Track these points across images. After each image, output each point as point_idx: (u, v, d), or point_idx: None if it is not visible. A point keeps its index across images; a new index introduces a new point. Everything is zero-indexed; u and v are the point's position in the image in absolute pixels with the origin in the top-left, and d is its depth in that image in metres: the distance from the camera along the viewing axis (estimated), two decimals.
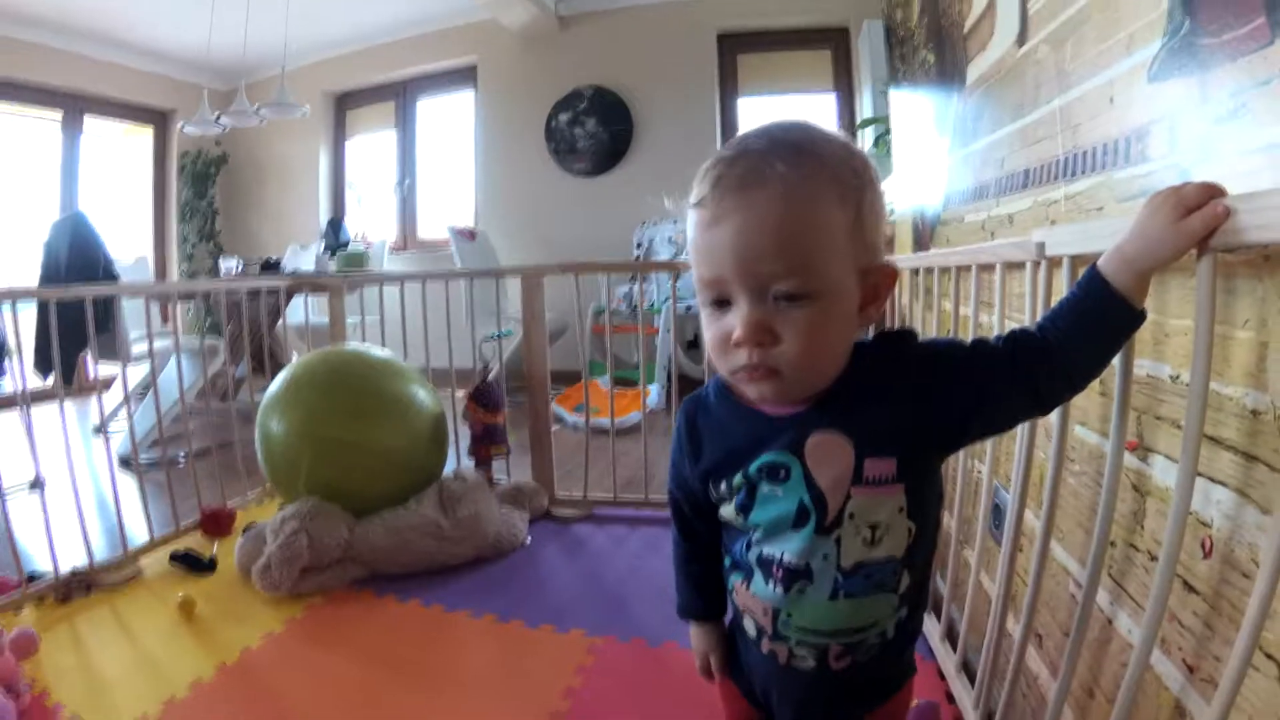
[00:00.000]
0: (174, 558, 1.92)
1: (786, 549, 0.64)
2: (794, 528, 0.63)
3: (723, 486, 0.67)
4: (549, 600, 1.67)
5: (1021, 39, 1.08)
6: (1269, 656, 0.57)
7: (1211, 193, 0.55)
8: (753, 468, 0.64)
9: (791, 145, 0.58)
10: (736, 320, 0.59)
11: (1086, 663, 0.83)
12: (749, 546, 0.67)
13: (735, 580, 0.70)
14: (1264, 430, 0.59)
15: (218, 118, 4.16)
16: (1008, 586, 0.98)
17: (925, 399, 0.61)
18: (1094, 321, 0.59)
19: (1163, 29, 0.70)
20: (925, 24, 1.67)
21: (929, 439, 0.63)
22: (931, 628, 1.39)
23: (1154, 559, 0.72)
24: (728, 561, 0.71)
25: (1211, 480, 0.63)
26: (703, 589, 0.77)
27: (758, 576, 0.67)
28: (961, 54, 1.38)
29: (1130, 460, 0.76)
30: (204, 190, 5.66)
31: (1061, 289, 0.79)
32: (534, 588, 1.73)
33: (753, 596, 0.68)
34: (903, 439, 0.62)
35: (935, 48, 1.59)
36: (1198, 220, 0.55)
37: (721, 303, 0.60)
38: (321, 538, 1.73)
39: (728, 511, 0.68)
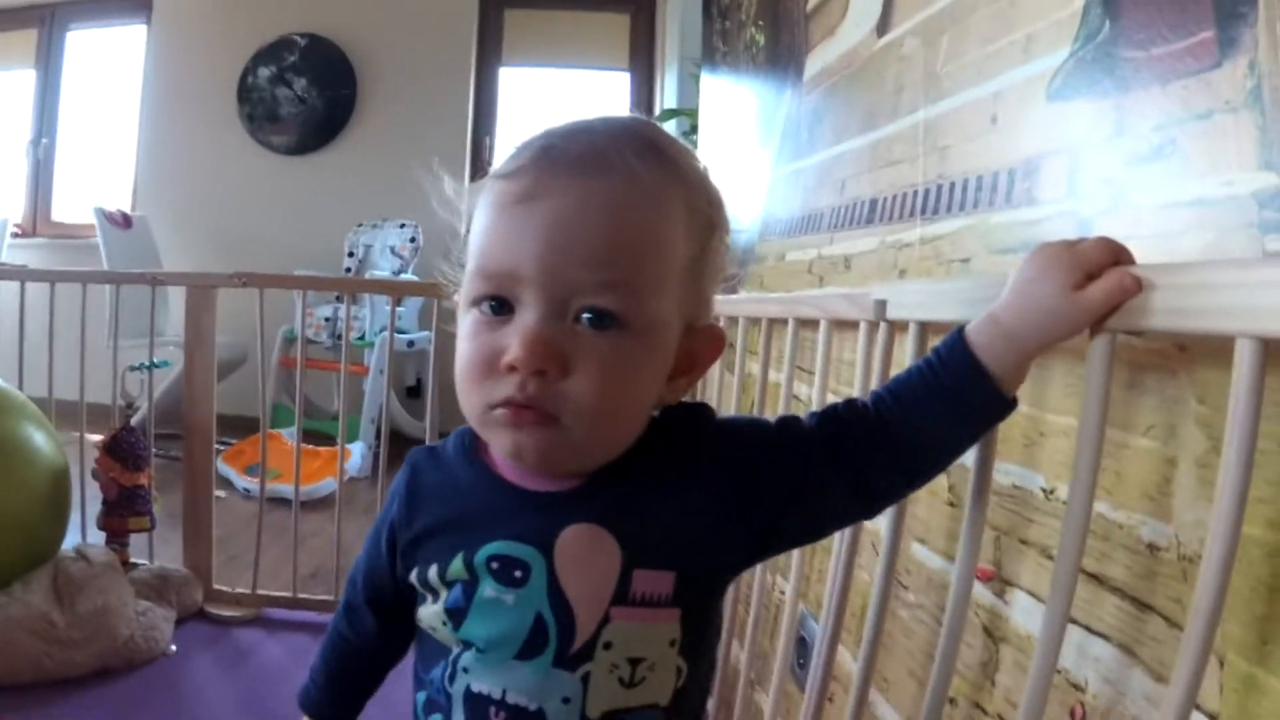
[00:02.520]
0: None
1: (511, 683, 0.56)
2: (524, 654, 0.55)
3: (431, 572, 0.58)
4: None
5: (883, 26, 1.02)
6: None
7: (1116, 253, 0.51)
8: (480, 555, 0.56)
9: (647, 140, 0.56)
10: (515, 335, 0.52)
11: None
12: (453, 675, 0.57)
13: None
14: (1162, 571, 0.54)
15: None
16: None
17: (724, 495, 0.57)
18: (949, 404, 0.55)
19: (1073, 32, 0.65)
20: None
21: (722, 550, 0.58)
22: None
23: None
24: (421, 697, 0.61)
25: (1089, 630, 0.60)
26: (338, 683, 0.70)
27: None
28: (801, 38, 1.31)
29: (982, 593, 0.73)
30: None
31: (905, 361, 0.74)
32: (175, 716, 1.58)
33: None
34: (688, 548, 0.56)
35: (769, 25, 1.52)
36: (1099, 293, 0.50)
37: (498, 307, 0.54)
38: None
39: (429, 615, 0.59)
